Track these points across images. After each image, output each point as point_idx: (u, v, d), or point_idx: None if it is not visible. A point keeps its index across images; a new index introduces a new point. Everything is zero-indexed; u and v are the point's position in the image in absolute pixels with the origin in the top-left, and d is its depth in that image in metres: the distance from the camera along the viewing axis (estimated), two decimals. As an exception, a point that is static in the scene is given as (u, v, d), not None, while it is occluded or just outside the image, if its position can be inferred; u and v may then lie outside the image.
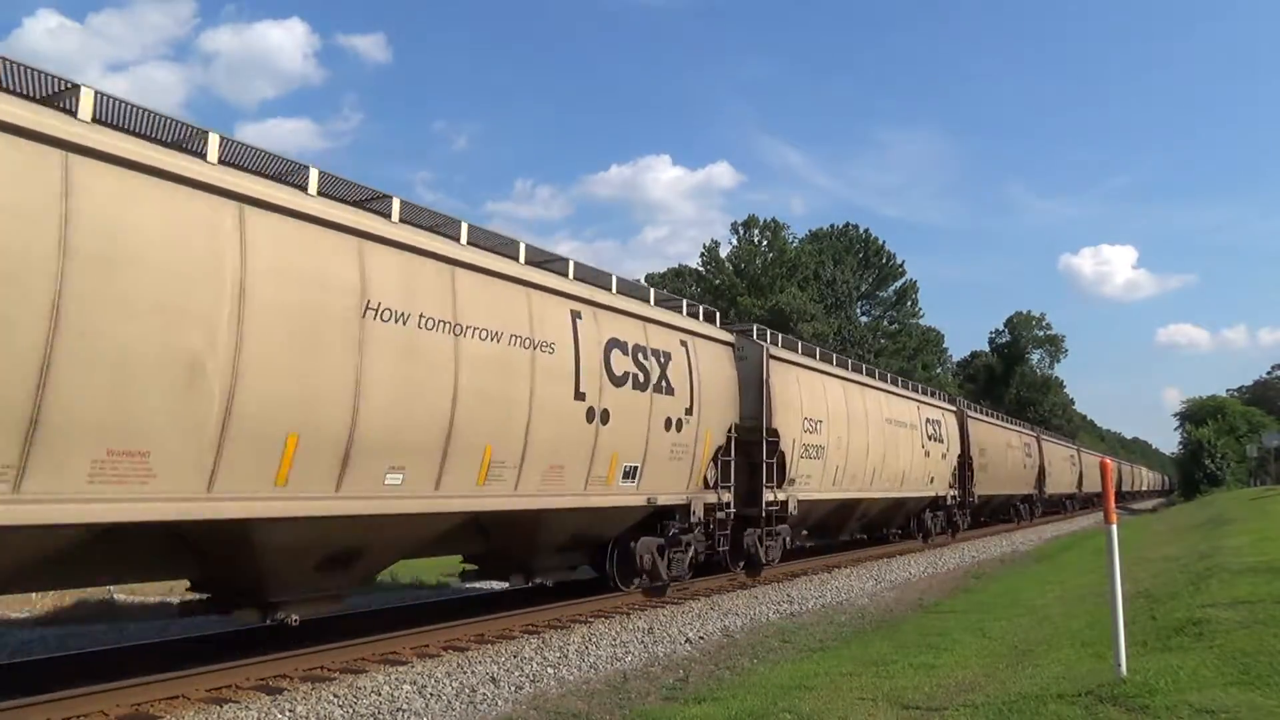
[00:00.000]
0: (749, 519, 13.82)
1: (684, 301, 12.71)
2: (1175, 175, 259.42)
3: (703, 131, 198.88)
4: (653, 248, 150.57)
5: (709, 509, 12.29)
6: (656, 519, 11.59)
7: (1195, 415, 63.96)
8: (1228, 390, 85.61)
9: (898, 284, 64.55)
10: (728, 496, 12.65)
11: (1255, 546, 14.34)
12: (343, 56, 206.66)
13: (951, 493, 23.39)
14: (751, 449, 13.53)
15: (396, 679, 7.38)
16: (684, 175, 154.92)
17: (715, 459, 12.34)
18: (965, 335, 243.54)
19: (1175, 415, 72.95)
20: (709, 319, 13.07)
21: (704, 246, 59.58)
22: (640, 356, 10.66)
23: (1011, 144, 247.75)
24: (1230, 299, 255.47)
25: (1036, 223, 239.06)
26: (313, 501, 6.78)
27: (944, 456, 22.85)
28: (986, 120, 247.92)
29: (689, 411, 11.52)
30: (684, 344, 11.74)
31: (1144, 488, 79.88)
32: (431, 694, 6.99)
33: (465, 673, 7.68)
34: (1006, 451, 30.24)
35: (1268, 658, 6.20)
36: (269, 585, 7.20)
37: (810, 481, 15.19)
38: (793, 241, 59.15)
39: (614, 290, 10.71)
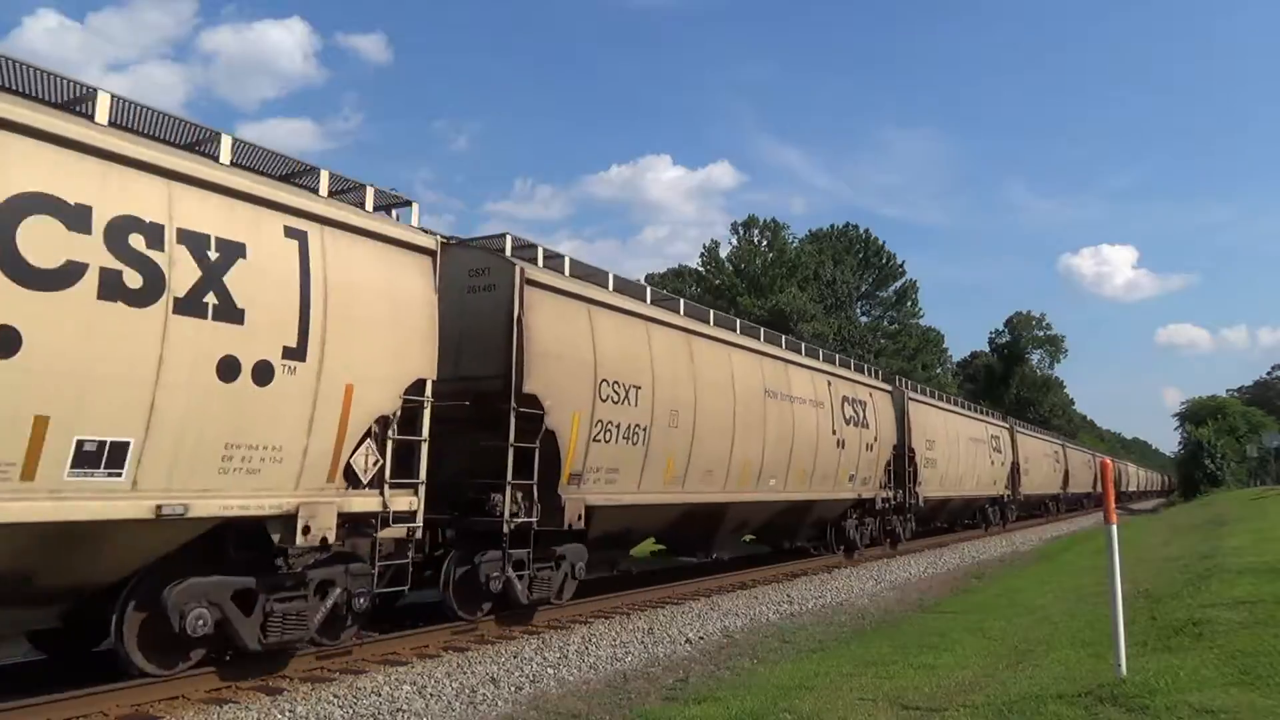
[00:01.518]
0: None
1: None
2: (1176, 175, 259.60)
3: (703, 131, 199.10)
4: (653, 247, 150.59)
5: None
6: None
7: (1195, 415, 64.07)
8: (1228, 390, 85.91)
9: (898, 284, 64.51)
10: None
11: (1255, 546, 14.36)
12: (343, 56, 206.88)
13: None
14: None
15: (396, 679, 7.37)
16: (684, 175, 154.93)
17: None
18: (965, 335, 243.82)
19: (1175, 415, 73.05)
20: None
21: (704, 247, 59.58)
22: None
23: (1012, 144, 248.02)
24: (1231, 299, 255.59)
25: (1036, 223, 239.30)
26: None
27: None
28: (987, 120, 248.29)
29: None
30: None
31: (1138, 488, 79.64)
32: (431, 694, 6.99)
33: (465, 673, 7.68)
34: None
35: (1268, 658, 6.21)
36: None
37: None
38: (792, 241, 59.11)
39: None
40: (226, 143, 6.72)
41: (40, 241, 5.24)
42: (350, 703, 6.67)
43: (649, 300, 11.82)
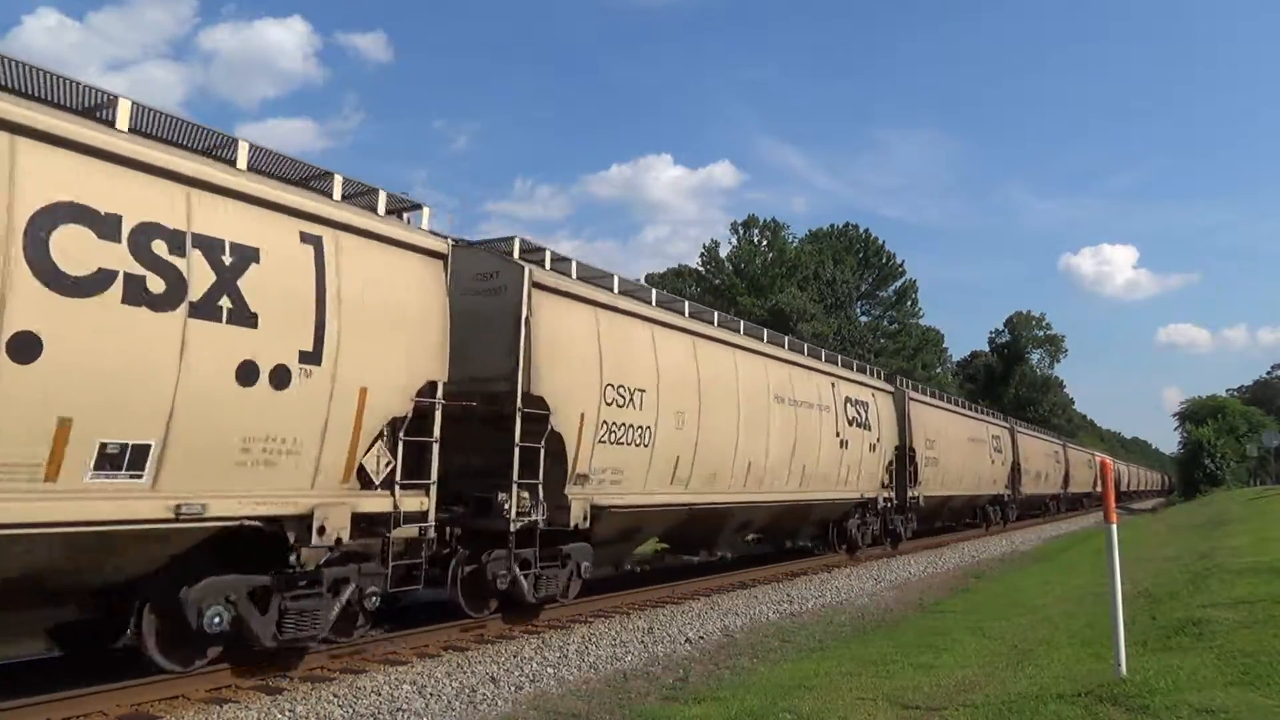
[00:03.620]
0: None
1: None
2: (1177, 175, 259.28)
3: (704, 131, 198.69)
4: (653, 247, 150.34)
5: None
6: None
7: (1195, 415, 64.03)
8: (1228, 390, 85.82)
9: (898, 284, 64.53)
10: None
11: (1255, 546, 14.37)
12: (343, 55, 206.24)
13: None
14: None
15: (396, 679, 7.38)
16: (685, 175, 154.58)
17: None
18: (965, 335, 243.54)
19: (1175, 415, 73.05)
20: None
21: (704, 246, 59.60)
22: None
23: (1012, 144, 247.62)
24: (1231, 299, 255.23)
25: (1037, 223, 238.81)
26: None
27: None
28: (987, 120, 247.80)
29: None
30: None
31: (1140, 487, 79.68)
32: (431, 694, 6.99)
33: (465, 673, 7.68)
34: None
35: (1268, 658, 6.21)
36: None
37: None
38: (792, 241, 59.16)
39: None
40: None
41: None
42: (350, 702, 6.68)
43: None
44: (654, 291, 12.31)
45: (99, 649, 7.41)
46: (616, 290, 11.03)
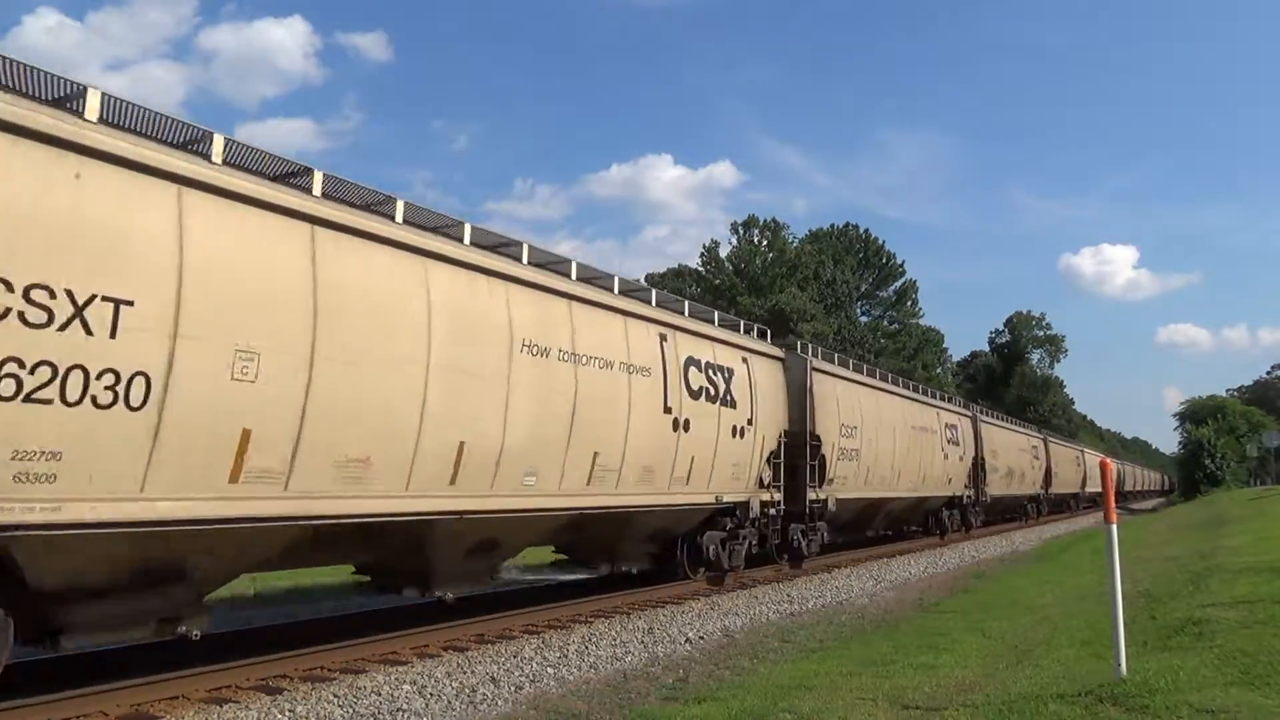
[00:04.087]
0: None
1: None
2: (1177, 175, 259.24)
3: (704, 131, 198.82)
4: (653, 247, 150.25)
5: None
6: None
7: (1195, 415, 64.05)
8: (1228, 390, 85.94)
9: (898, 284, 64.68)
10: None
11: (1255, 546, 14.37)
12: (344, 55, 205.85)
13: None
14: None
15: (396, 679, 7.38)
16: (685, 174, 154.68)
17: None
18: (965, 335, 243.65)
19: (1175, 415, 73.04)
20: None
21: (704, 246, 59.65)
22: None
23: (1012, 144, 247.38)
24: (1231, 299, 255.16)
25: (1037, 223, 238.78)
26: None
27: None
28: (987, 121, 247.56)
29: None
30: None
31: (1140, 487, 79.66)
32: (431, 694, 6.99)
33: (465, 673, 7.68)
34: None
35: (1268, 658, 6.21)
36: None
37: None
38: (792, 241, 59.20)
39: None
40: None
41: None
42: (350, 702, 6.68)
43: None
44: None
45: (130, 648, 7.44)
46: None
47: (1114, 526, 6.29)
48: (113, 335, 5.40)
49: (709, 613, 11.26)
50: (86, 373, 5.28)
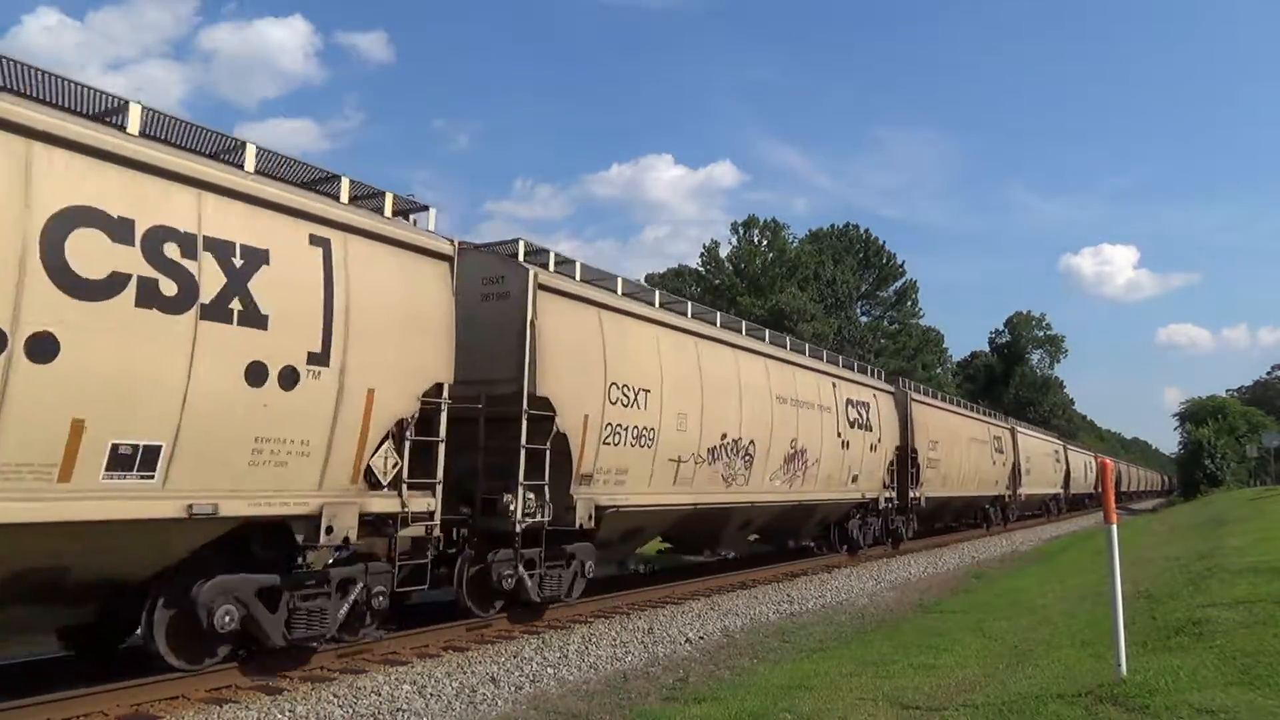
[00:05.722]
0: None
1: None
2: (1177, 175, 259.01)
3: (705, 131, 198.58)
4: (653, 247, 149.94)
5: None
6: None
7: (1195, 415, 63.93)
8: (1228, 390, 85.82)
9: (898, 284, 64.58)
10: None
11: (1255, 546, 14.35)
12: (344, 55, 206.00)
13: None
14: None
15: (396, 679, 7.38)
16: (686, 174, 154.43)
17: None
18: (965, 335, 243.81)
19: (1175, 415, 72.97)
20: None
21: (704, 247, 59.60)
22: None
23: (1012, 144, 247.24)
24: (1231, 299, 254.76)
25: (1037, 223, 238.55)
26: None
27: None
28: (987, 121, 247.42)
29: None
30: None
31: (1140, 488, 79.63)
32: (431, 694, 6.99)
33: (465, 673, 7.68)
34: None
35: (1268, 658, 6.21)
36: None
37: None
38: (792, 241, 59.16)
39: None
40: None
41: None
42: (350, 702, 6.68)
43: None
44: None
45: (105, 649, 7.43)
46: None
47: (1114, 527, 6.29)
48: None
49: (709, 613, 11.26)
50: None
